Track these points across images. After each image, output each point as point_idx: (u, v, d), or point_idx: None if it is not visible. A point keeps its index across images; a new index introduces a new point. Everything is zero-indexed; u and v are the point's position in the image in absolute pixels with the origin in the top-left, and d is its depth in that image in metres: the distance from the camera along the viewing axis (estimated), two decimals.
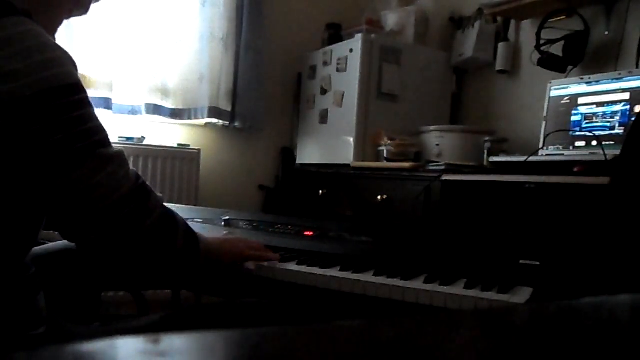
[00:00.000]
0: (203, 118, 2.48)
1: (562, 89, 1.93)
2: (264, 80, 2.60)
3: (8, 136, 0.66)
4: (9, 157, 0.68)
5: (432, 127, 2.27)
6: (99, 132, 0.74)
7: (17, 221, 0.74)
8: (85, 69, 2.15)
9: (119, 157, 0.76)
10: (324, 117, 2.53)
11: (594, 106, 1.82)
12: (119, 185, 0.75)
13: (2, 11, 0.69)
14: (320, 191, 2.40)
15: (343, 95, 2.41)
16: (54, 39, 0.86)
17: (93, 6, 0.90)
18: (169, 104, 2.42)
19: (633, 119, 1.68)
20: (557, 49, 2.04)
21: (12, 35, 0.67)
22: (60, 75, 0.69)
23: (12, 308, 0.73)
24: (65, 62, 0.71)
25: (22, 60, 0.67)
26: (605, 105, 1.79)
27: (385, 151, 2.24)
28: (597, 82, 1.83)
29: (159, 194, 0.85)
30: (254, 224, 1.27)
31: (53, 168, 0.69)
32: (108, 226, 0.75)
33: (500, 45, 2.35)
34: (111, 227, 0.75)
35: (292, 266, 1.03)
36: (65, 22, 0.87)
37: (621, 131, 1.72)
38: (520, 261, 1.02)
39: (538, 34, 2.05)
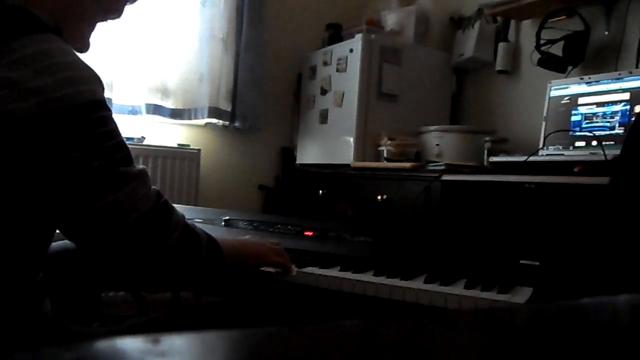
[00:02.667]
0: (203, 118, 2.48)
1: (562, 89, 1.93)
2: (264, 80, 2.60)
3: (27, 152, 0.66)
4: (27, 171, 0.68)
5: (432, 127, 2.27)
6: (120, 150, 0.74)
7: (30, 229, 0.74)
8: None
9: (139, 176, 0.76)
10: (324, 117, 2.53)
11: (594, 106, 1.82)
12: (138, 204, 0.74)
13: (30, 28, 0.69)
14: (320, 191, 2.40)
15: (343, 95, 2.41)
16: (89, 43, 0.87)
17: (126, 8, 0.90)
18: (169, 104, 2.42)
19: (633, 119, 1.68)
20: (557, 49, 2.04)
21: (38, 52, 0.67)
22: (84, 93, 0.69)
23: (19, 313, 0.73)
24: (89, 79, 0.71)
25: (46, 77, 0.66)
26: (605, 105, 1.79)
27: (385, 151, 2.24)
28: (597, 82, 1.83)
29: (181, 212, 0.86)
30: (254, 224, 1.27)
31: (68, 185, 0.69)
32: (128, 245, 0.75)
33: (500, 45, 2.35)
34: (131, 246, 0.75)
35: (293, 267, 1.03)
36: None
37: (621, 131, 1.72)
38: (520, 261, 1.02)
39: (538, 34, 2.05)
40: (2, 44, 0.66)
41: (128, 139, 2.29)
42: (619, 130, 1.73)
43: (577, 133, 1.84)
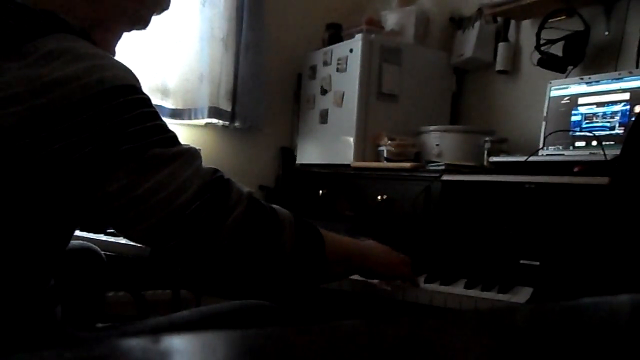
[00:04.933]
0: (203, 118, 2.48)
1: (562, 89, 1.93)
2: (264, 80, 2.60)
3: (50, 151, 0.63)
4: (54, 172, 0.64)
5: (432, 127, 2.27)
6: (155, 133, 0.68)
7: (46, 235, 0.71)
8: None
9: (181, 156, 0.69)
10: (324, 117, 2.53)
11: (594, 106, 1.82)
12: (185, 184, 0.67)
13: (53, 28, 0.67)
14: (320, 191, 2.40)
15: (343, 95, 2.41)
16: (114, 52, 0.85)
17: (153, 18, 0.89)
18: (169, 104, 2.42)
19: (633, 119, 1.68)
20: (557, 49, 2.03)
21: (59, 49, 0.65)
22: (106, 79, 0.66)
23: (31, 320, 0.71)
24: (112, 66, 0.68)
25: (66, 68, 0.64)
26: (605, 105, 1.79)
27: (385, 151, 2.24)
28: (597, 82, 1.83)
29: (247, 189, 0.76)
30: None
31: (100, 177, 0.64)
32: (182, 231, 0.67)
33: (500, 45, 2.35)
34: (186, 231, 0.67)
35: None
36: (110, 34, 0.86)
37: (621, 131, 1.72)
38: (520, 261, 1.02)
39: (538, 34, 2.05)
40: (24, 43, 0.64)
41: None
42: (619, 130, 1.73)
43: (577, 133, 1.84)
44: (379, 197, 2.03)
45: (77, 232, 1.28)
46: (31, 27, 0.66)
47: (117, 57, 0.73)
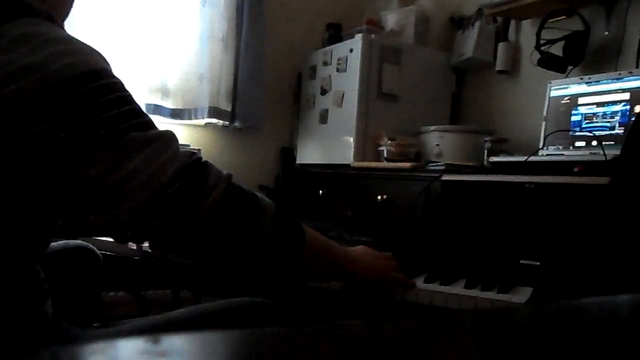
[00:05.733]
0: (203, 118, 2.48)
1: (562, 89, 1.93)
2: (264, 80, 2.60)
3: (25, 138, 0.62)
4: (30, 160, 0.63)
5: (432, 127, 2.27)
6: (132, 117, 0.67)
7: (29, 228, 0.70)
8: None
9: (159, 139, 0.68)
10: (324, 117, 2.53)
11: (594, 106, 1.82)
12: (162, 168, 0.67)
13: (17, 13, 0.66)
14: (320, 191, 2.40)
15: (343, 95, 2.41)
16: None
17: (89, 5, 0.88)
18: (169, 104, 2.42)
19: (633, 119, 1.68)
20: (557, 49, 2.03)
21: (26, 33, 0.64)
22: (79, 64, 0.65)
23: (19, 315, 0.71)
24: (84, 51, 0.67)
25: (37, 54, 0.63)
26: (605, 105, 1.79)
27: (385, 151, 2.24)
28: (597, 82, 1.83)
29: (227, 171, 0.76)
30: None
31: (77, 163, 0.63)
32: (163, 211, 0.67)
33: (500, 45, 2.35)
34: (167, 211, 0.67)
35: None
36: (65, 21, 0.86)
37: (621, 131, 1.72)
38: (520, 261, 1.02)
39: (538, 34, 2.05)
40: None
41: None
42: (619, 130, 1.73)
43: (577, 133, 1.84)
44: (379, 197, 2.03)
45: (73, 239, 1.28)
46: None
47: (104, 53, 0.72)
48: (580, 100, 1.86)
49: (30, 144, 0.63)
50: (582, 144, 1.82)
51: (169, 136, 0.71)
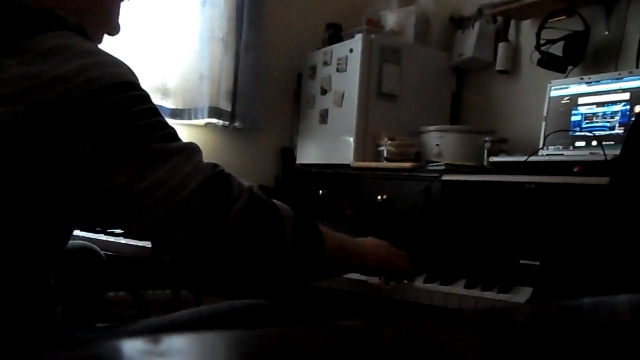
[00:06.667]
0: (203, 118, 2.48)
1: (562, 89, 1.93)
2: (264, 80, 2.60)
3: (50, 148, 0.63)
4: (54, 169, 0.64)
5: (432, 127, 2.27)
6: (156, 129, 0.68)
7: (46, 234, 0.71)
8: None
9: (182, 151, 0.69)
10: (324, 117, 2.53)
11: (594, 106, 1.82)
12: (186, 180, 0.67)
13: (50, 25, 0.67)
14: (320, 191, 2.40)
15: (343, 95, 2.41)
16: (119, 25, 0.86)
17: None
18: (169, 104, 2.42)
19: (633, 119, 1.68)
20: (557, 49, 2.03)
21: (57, 46, 0.65)
22: (106, 76, 0.66)
23: (31, 319, 0.71)
24: (112, 63, 0.68)
25: (66, 65, 0.64)
26: (605, 105, 1.79)
27: (385, 151, 2.24)
28: (597, 82, 1.83)
29: (248, 183, 0.76)
30: None
31: (101, 173, 0.64)
32: (185, 224, 0.67)
33: (500, 45, 2.35)
34: (189, 224, 0.67)
35: None
36: (102, 36, 0.87)
37: (621, 131, 1.72)
38: (520, 261, 1.02)
39: (538, 34, 2.05)
40: (23, 40, 0.64)
41: None
42: (619, 130, 1.73)
43: (577, 133, 1.84)
44: (379, 197, 2.03)
45: (77, 232, 1.28)
46: (30, 24, 0.66)
47: (116, 54, 0.74)
48: (580, 100, 1.86)
49: (55, 153, 0.63)
50: (582, 144, 1.82)
51: (193, 148, 0.72)
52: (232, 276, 0.78)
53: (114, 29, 0.85)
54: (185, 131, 2.55)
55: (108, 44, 2.41)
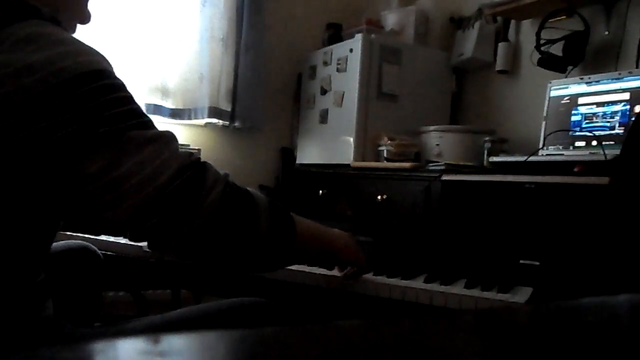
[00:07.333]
0: (203, 118, 2.48)
1: (562, 89, 1.93)
2: (264, 80, 2.60)
3: (24, 133, 0.63)
4: (31, 158, 0.64)
5: (432, 127, 2.27)
6: (133, 117, 0.69)
7: (32, 228, 0.71)
8: None
9: (160, 139, 0.70)
10: (324, 117, 2.53)
11: (594, 106, 1.82)
12: (162, 167, 0.68)
13: (25, 15, 0.67)
14: (320, 191, 2.40)
15: (343, 95, 2.41)
16: (89, 13, 0.85)
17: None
18: (169, 104, 2.42)
19: (633, 119, 1.68)
20: (557, 49, 2.03)
21: (32, 34, 0.65)
22: (82, 64, 0.66)
23: (19, 315, 0.71)
24: (87, 52, 0.68)
25: (41, 53, 0.64)
26: (605, 105, 1.79)
27: (385, 151, 2.24)
28: (597, 82, 1.83)
29: (224, 171, 0.77)
30: None
31: (78, 160, 0.64)
32: (162, 210, 0.68)
33: (500, 45, 2.35)
34: (166, 209, 0.68)
35: (294, 266, 1.03)
36: (75, 26, 0.87)
37: (621, 131, 1.72)
38: (520, 261, 1.02)
39: (538, 34, 2.05)
40: None
41: None
42: (619, 130, 1.73)
43: (577, 133, 1.84)
44: (379, 197, 2.03)
45: (77, 233, 1.28)
46: (4, 14, 0.66)
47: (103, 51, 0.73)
48: (580, 100, 1.86)
49: (30, 141, 0.63)
50: (582, 144, 1.82)
51: (169, 136, 0.72)
52: (208, 262, 0.78)
53: (85, 18, 0.85)
54: (185, 131, 2.55)
55: (108, 44, 2.40)
